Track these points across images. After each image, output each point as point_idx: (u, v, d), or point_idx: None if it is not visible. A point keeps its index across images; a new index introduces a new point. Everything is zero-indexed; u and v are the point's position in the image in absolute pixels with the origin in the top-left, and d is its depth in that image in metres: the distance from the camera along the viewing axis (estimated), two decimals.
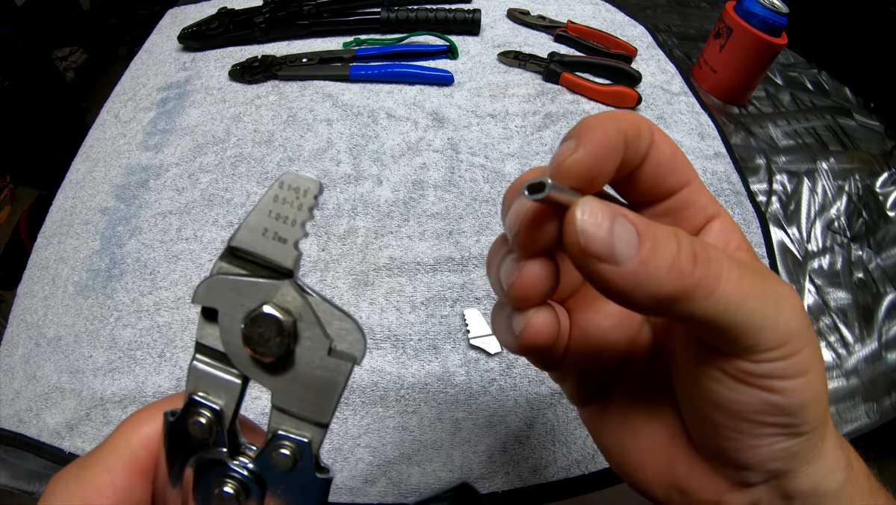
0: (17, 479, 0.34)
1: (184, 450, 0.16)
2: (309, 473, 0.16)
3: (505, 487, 0.33)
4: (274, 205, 0.15)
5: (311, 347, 0.15)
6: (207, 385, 0.16)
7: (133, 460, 0.17)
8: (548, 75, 0.57)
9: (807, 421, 0.16)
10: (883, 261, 0.48)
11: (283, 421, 0.16)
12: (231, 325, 0.15)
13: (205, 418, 0.16)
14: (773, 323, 0.15)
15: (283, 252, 0.15)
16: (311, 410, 0.16)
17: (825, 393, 0.17)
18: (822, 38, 0.68)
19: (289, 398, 0.16)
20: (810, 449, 0.17)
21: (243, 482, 0.16)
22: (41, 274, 0.42)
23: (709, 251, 0.15)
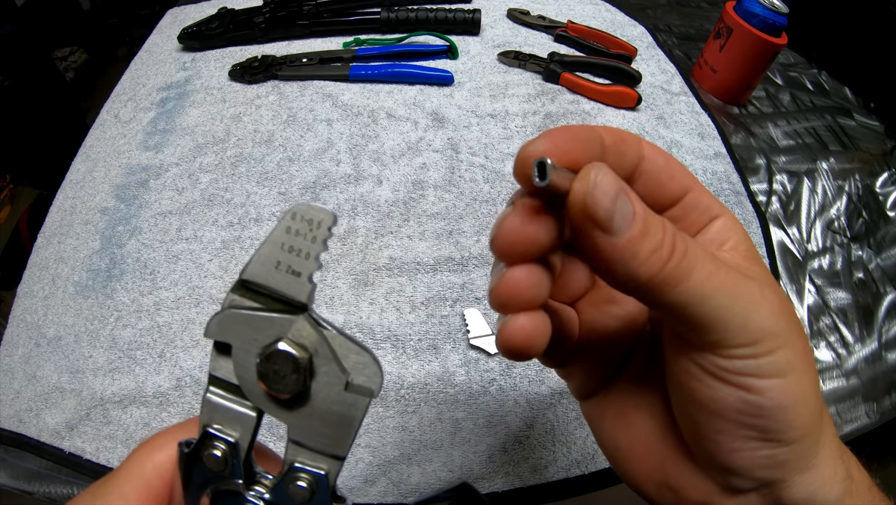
0: (17, 479, 0.34)
1: (199, 480, 0.16)
2: (326, 504, 0.16)
3: (505, 487, 0.33)
4: (286, 237, 0.15)
5: (328, 382, 0.15)
6: (222, 418, 0.16)
7: (147, 488, 0.17)
8: (548, 75, 0.57)
9: (790, 427, 0.16)
10: (883, 261, 0.48)
11: (299, 453, 0.16)
12: (245, 360, 0.15)
13: (220, 451, 0.16)
14: (742, 321, 0.15)
15: (297, 286, 0.15)
16: (328, 444, 0.16)
17: (814, 400, 0.17)
18: (822, 38, 0.68)
19: (305, 432, 0.16)
20: (801, 458, 0.17)
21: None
22: (41, 274, 0.42)
23: (687, 245, 0.15)
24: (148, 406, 0.35)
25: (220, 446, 0.16)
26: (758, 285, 0.16)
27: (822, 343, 0.42)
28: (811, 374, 0.17)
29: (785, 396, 0.16)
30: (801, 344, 0.17)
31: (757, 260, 0.19)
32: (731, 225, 0.19)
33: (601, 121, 0.54)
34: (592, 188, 0.15)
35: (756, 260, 0.19)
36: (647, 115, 0.55)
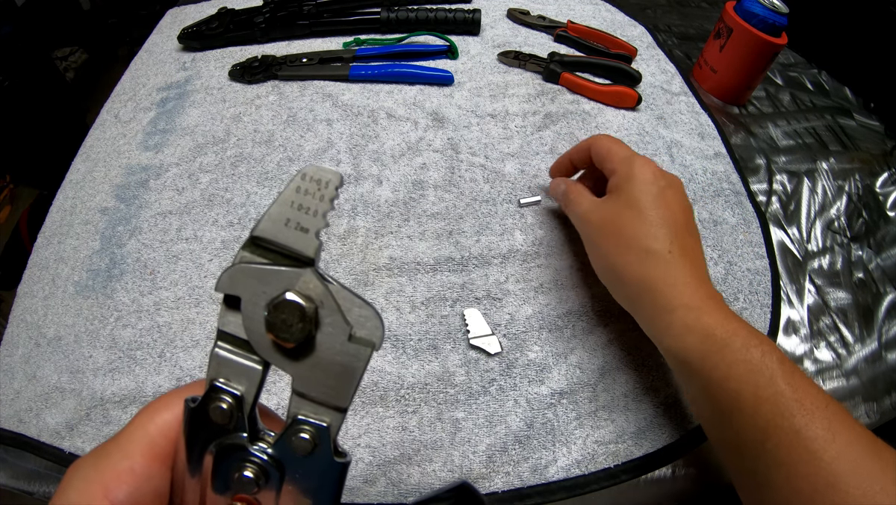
0: (17, 479, 0.34)
1: (204, 435, 0.17)
2: (327, 457, 0.16)
3: (505, 487, 0.33)
4: (296, 196, 0.16)
5: (332, 333, 0.16)
6: (229, 371, 0.16)
7: (152, 447, 0.17)
8: (548, 75, 0.57)
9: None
10: (883, 261, 0.48)
11: (302, 406, 0.16)
12: (254, 312, 0.16)
13: (226, 404, 0.16)
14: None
15: (305, 241, 0.16)
16: (331, 395, 0.16)
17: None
18: (822, 38, 0.68)
19: (309, 383, 0.16)
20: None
21: (263, 467, 0.16)
22: (41, 274, 0.42)
23: (574, 196, 0.39)
24: None
25: (226, 399, 0.16)
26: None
27: (822, 343, 0.42)
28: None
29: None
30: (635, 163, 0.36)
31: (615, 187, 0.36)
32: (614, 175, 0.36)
33: (601, 121, 0.54)
34: (551, 190, 0.43)
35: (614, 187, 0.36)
36: (647, 115, 0.55)
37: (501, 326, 0.39)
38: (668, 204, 0.33)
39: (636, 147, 0.52)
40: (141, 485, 0.17)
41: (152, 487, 0.17)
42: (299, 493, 0.17)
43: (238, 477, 0.16)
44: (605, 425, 0.36)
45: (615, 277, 0.34)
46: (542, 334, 0.39)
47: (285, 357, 0.16)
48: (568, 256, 0.43)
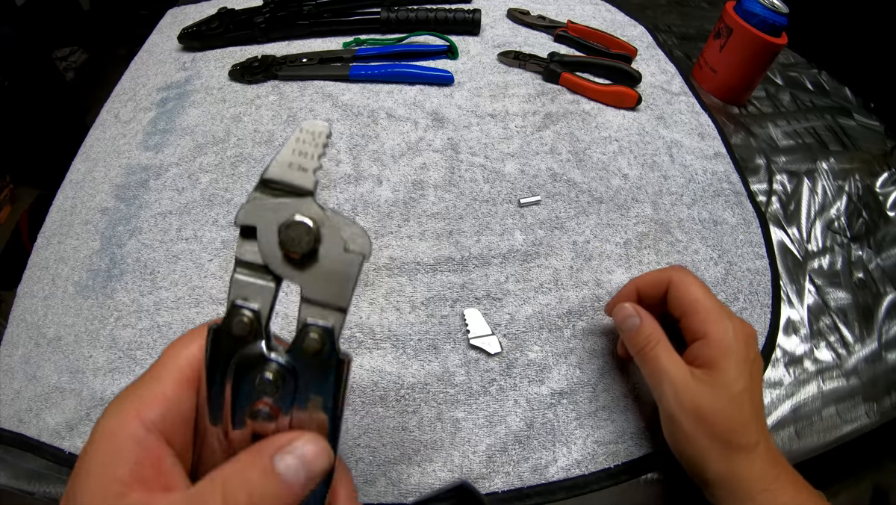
0: (17, 479, 0.34)
1: (225, 353, 0.19)
2: (332, 355, 0.19)
3: (505, 487, 0.33)
4: (296, 145, 0.20)
5: (331, 245, 0.19)
6: (247, 292, 0.19)
7: (180, 373, 0.20)
8: (548, 75, 0.57)
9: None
10: (883, 261, 0.48)
11: (310, 312, 0.19)
12: (268, 235, 0.19)
13: (247, 318, 0.19)
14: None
15: (305, 178, 0.19)
16: (333, 297, 0.19)
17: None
18: (822, 38, 0.68)
19: (315, 289, 0.19)
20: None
21: (280, 368, 0.19)
22: (41, 274, 0.42)
23: (654, 347, 0.32)
24: None
25: (246, 314, 0.19)
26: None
27: (822, 343, 0.42)
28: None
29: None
30: (737, 359, 0.31)
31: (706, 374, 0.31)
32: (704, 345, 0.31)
33: (601, 121, 0.54)
34: (615, 313, 0.35)
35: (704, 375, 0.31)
36: (647, 115, 0.55)
37: (501, 326, 0.39)
38: (759, 384, 0.31)
39: (636, 147, 0.52)
40: (171, 408, 0.19)
41: (181, 411, 0.19)
42: (310, 397, 0.19)
43: (259, 379, 0.19)
44: (606, 425, 0.36)
45: (693, 461, 0.30)
46: (542, 334, 0.39)
47: (294, 269, 0.19)
48: (568, 256, 0.43)
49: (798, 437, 0.38)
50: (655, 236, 0.45)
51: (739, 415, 0.29)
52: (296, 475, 0.18)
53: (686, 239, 0.46)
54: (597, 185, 0.48)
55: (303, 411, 0.20)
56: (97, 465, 0.18)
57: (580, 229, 0.45)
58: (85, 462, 0.18)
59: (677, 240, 0.45)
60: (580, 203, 0.47)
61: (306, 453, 0.18)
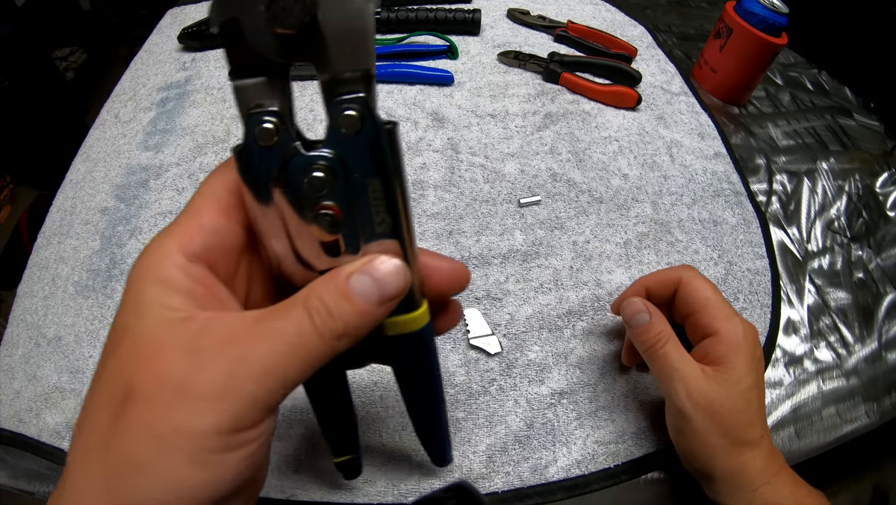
0: (17, 479, 0.34)
1: (261, 168, 0.17)
2: (375, 124, 0.17)
3: (505, 488, 0.33)
4: None
5: (332, 4, 0.16)
6: (256, 97, 0.17)
7: (218, 203, 0.19)
8: (548, 75, 0.57)
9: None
10: (883, 261, 0.48)
11: (334, 90, 0.17)
12: (255, 23, 0.16)
13: (270, 122, 0.17)
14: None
15: None
16: (353, 60, 0.16)
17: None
18: (822, 38, 0.68)
19: (329, 61, 0.16)
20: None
21: (326, 160, 0.17)
22: (41, 274, 0.42)
23: (664, 345, 0.32)
24: None
25: (267, 119, 0.17)
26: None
27: (822, 343, 0.42)
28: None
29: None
30: (745, 355, 0.31)
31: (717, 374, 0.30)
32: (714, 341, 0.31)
33: (601, 121, 0.54)
34: (623, 308, 0.34)
35: (715, 373, 0.30)
36: (647, 115, 0.55)
37: (501, 326, 0.39)
38: (763, 380, 0.31)
39: (636, 147, 0.52)
40: (211, 237, 0.18)
41: (222, 240, 0.19)
42: (367, 182, 0.17)
43: (308, 182, 0.17)
44: (606, 425, 0.36)
45: (700, 458, 0.30)
46: (542, 334, 0.39)
47: (297, 48, 0.16)
48: (568, 256, 0.43)
49: (798, 437, 0.38)
50: (655, 236, 0.45)
51: (748, 411, 0.29)
52: (372, 297, 0.18)
53: (686, 239, 0.46)
54: (597, 185, 0.48)
55: (366, 221, 0.18)
56: (146, 298, 0.17)
57: (580, 229, 0.45)
58: (133, 298, 0.17)
59: (677, 240, 0.45)
60: (580, 203, 0.47)
61: (380, 271, 0.18)
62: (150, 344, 0.16)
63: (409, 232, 0.19)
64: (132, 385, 0.16)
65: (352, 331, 0.18)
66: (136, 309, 0.17)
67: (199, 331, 0.17)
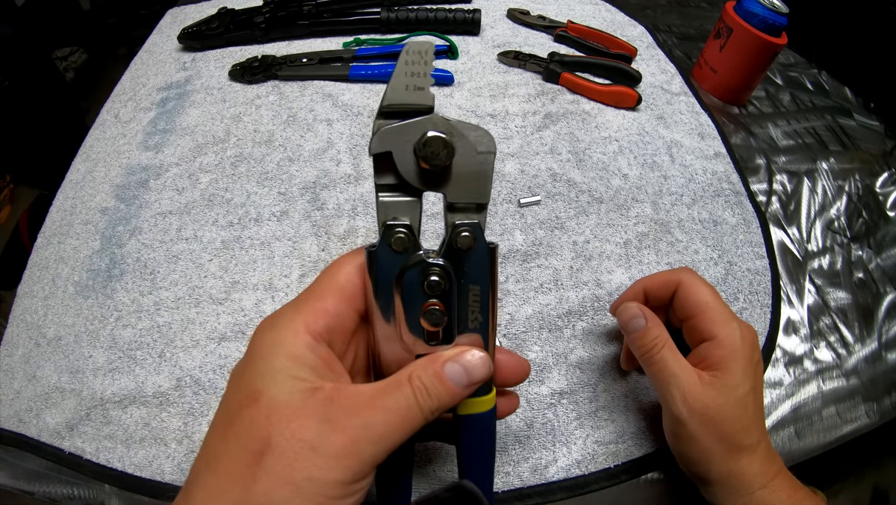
0: (17, 479, 0.34)
1: (387, 268, 0.22)
2: (483, 246, 0.22)
3: (505, 488, 0.33)
4: (406, 67, 0.21)
5: (464, 152, 0.21)
6: (394, 211, 0.22)
7: (340, 291, 0.22)
8: (548, 75, 0.57)
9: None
10: (883, 261, 0.48)
11: (455, 216, 0.22)
12: (404, 157, 0.21)
13: (403, 233, 0.21)
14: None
15: (424, 96, 0.21)
16: (475, 196, 0.22)
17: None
18: (822, 38, 0.68)
19: (457, 194, 0.22)
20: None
21: (442, 268, 0.22)
22: (41, 274, 0.42)
23: (661, 349, 0.31)
24: (148, 406, 0.35)
25: (402, 230, 0.21)
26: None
27: (822, 343, 0.42)
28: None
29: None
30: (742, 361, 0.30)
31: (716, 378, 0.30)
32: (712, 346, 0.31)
33: (601, 121, 0.54)
34: (620, 313, 0.34)
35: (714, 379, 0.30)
36: (647, 115, 0.55)
37: (501, 326, 0.39)
38: (761, 386, 0.31)
39: (636, 147, 0.52)
40: (332, 320, 0.22)
41: (340, 323, 0.22)
42: (470, 288, 0.22)
43: (426, 283, 0.21)
44: (606, 425, 0.36)
45: (696, 462, 0.31)
46: (542, 334, 0.39)
47: (437, 182, 0.21)
48: (568, 256, 0.43)
49: (798, 437, 0.38)
50: (655, 236, 0.45)
51: (744, 416, 0.29)
52: (461, 381, 0.22)
53: (686, 239, 0.46)
54: (597, 185, 0.48)
55: (465, 319, 0.22)
56: (278, 368, 0.20)
57: (580, 229, 0.45)
58: (260, 368, 0.21)
59: (677, 240, 0.45)
60: (580, 203, 0.47)
61: (469, 362, 0.22)
62: (287, 408, 0.20)
63: (494, 329, 0.23)
64: (270, 440, 0.19)
65: (444, 408, 0.21)
66: (270, 376, 0.20)
67: (328, 400, 0.20)
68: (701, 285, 0.32)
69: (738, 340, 0.30)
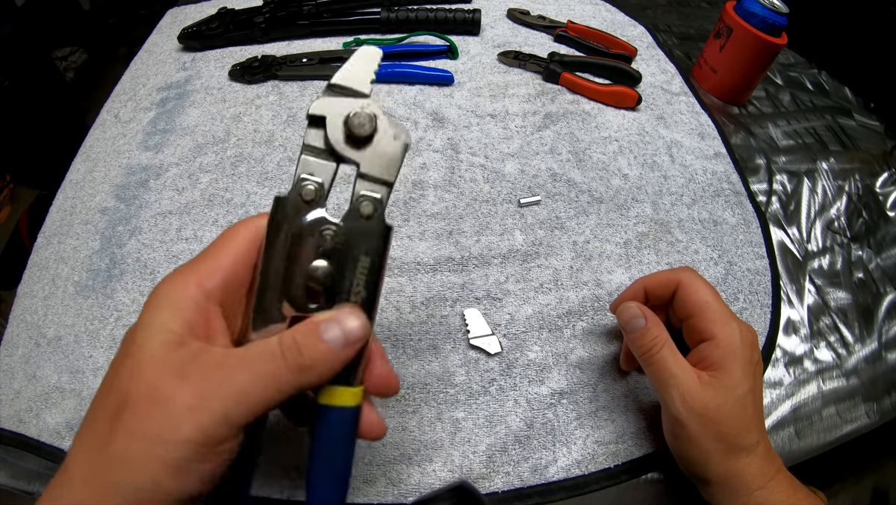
0: (17, 479, 0.34)
1: (288, 218, 0.23)
2: (381, 222, 0.24)
3: (505, 488, 0.33)
4: (358, 60, 0.25)
5: (384, 132, 0.24)
6: (312, 169, 0.23)
7: (237, 249, 0.23)
8: (548, 75, 0.57)
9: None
10: (883, 261, 0.48)
11: (363, 186, 0.24)
12: (335, 122, 0.23)
13: (313, 186, 0.23)
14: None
15: (364, 85, 0.24)
16: (384, 173, 0.24)
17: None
18: (822, 38, 0.68)
19: (369, 166, 0.24)
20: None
21: (338, 230, 0.23)
22: (41, 274, 0.42)
23: (661, 349, 0.31)
24: None
25: (313, 183, 0.23)
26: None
27: (822, 343, 0.42)
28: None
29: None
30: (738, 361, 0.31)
31: (716, 379, 0.30)
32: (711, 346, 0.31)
33: (601, 121, 0.54)
34: (619, 313, 0.34)
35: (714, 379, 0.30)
36: (647, 115, 0.55)
37: (501, 326, 0.39)
38: (760, 386, 0.31)
39: (636, 147, 0.52)
40: (227, 278, 0.22)
41: (234, 282, 0.22)
42: (359, 258, 0.23)
43: (319, 238, 0.23)
44: (606, 425, 0.36)
45: (695, 462, 0.31)
46: (542, 334, 0.39)
47: (354, 149, 0.23)
48: (568, 256, 0.43)
49: (798, 437, 0.38)
50: (655, 236, 0.45)
51: (743, 416, 0.29)
52: (337, 342, 0.21)
53: (686, 239, 0.46)
54: (597, 185, 0.48)
55: (349, 287, 0.23)
56: (157, 320, 0.20)
57: (580, 229, 0.45)
58: (146, 319, 0.21)
59: (677, 240, 0.45)
60: (580, 203, 0.47)
61: (348, 325, 0.22)
62: (150, 361, 0.19)
63: (375, 310, 0.24)
64: (128, 394, 0.19)
65: (315, 370, 0.21)
66: (149, 329, 0.20)
67: (191, 356, 0.20)
68: (701, 285, 0.32)
69: (738, 340, 0.30)
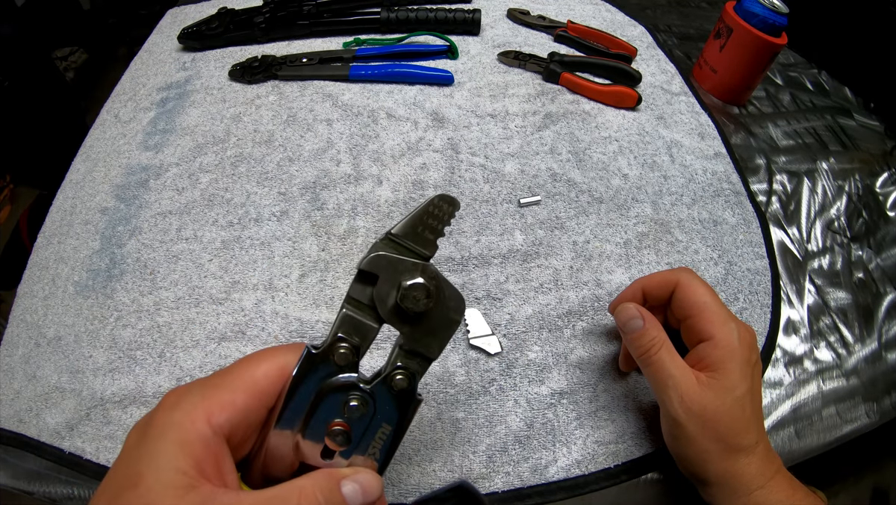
0: (17, 479, 0.34)
1: (317, 376, 0.22)
2: (412, 395, 0.23)
3: (505, 488, 0.33)
4: (429, 209, 0.23)
5: (439, 308, 0.22)
6: (351, 328, 0.22)
7: (254, 386, 0.22)
8: (548, 75, 0.57)
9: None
10: (883, 261, 0.48)
11: (402, 357, 0.23)
12: (387, 286, 0.22)
13: (347, 350, 0.22)
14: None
15: (429, 245, 0.23)
16: (428, 350, 0.23)
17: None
18: (822, 38, 0.68)
19: (414, 341, 0.23)
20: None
21: (365, 399, 0.22)
22: (41, 274, 0.42)
23: (658, 350, 0.31)
24: (148, 406, 0.35)
25: (347, 347, 0.22)
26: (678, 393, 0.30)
27: (822, 343, 0.42)
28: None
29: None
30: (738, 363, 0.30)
31: (713, 380, 0.30)
32: (709, 347, 0.31)
33: (601, 121, 0.54)
34: (617, 314, 0.34)
35: (711, 380, 0.30)
36: (647, 115, 0.55)
37: (501, 326, 0.39)
38: (759, 387, 0.31)
39: (636, 147, 0.52)
40: (239, 416, 0.21)
41: (247, 418, 0.22)
42: (381, 425, 0.23)
43: (346, 405, 0.22)
44: (606, 425, 0.36)
45: (694, 463, 0.31)
46: (542, 334, 0.39)
47: (403, 322, 0.22)
48: (568, 256, 0.43)
49: (798, 437, 0.38)
50: (655, 236, 0.45)
51: (742, 417, 0.29)
52: (355, 498, 0.21)
53: (686, 239, 0.46)
54: (597, 185, 0.48)
55: (366, 445, 0.23)
56: (164, 454, 0.20)
57: (580, 229, 0.45)
58: (149, 448, 0.20)
59: (677, 240, 0.45)
60: (580, 203, 0.47)
61: (366, 483, 0.22)
62: (160, 500, 0.19)
63: (387, 467, 0.24)
64: None
65: None
66: (154, 460, 0.19)
67: (200, 500, 0.19)
68: (699, 285, 0.32)
69: (736, 340, 0.30)
